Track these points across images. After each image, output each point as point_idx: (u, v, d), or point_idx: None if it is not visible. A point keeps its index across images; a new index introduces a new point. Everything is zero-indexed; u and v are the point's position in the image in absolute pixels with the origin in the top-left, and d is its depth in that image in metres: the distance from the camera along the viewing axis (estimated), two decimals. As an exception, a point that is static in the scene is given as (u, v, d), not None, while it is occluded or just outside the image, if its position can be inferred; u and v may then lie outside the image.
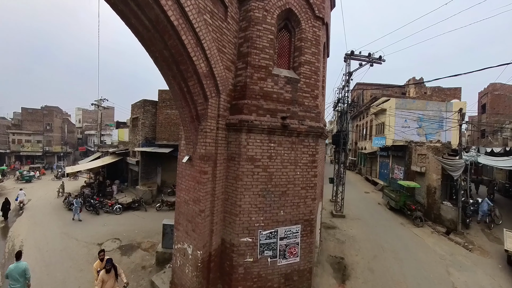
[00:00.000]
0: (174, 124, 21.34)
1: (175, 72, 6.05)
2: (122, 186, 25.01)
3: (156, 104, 22.37)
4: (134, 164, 23.14)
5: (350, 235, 13.61)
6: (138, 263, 10.71)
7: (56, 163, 50.24)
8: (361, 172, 35.25)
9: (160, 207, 18.10)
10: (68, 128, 59.13)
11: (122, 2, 4.87)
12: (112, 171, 27.01)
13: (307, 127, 7.76)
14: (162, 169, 23.01)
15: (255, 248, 7.09)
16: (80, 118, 69.32)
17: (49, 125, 52.80)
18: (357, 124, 39.12)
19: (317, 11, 8.11)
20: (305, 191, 7.86)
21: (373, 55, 17.11)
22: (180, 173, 7.81)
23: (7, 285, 7.85)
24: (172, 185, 21.32)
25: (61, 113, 59.82)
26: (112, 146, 32.77)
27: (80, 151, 59.16)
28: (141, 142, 22.17)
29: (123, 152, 25.44)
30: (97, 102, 32.16)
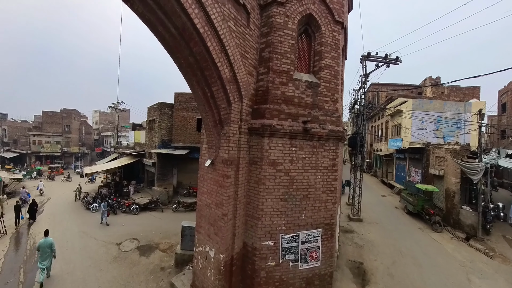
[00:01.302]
0: (190, 126, 21.66)
1: (199, 77, 6.17)
2: (139, 186, 25.49)
3: (172, 106, 22.75)
4: (150, 165, 23.54)
5: (368, 240, 13.44)
6: (157, 264, 10.82)
7: (74, 163, 52.18)
8: (377, 175, 34.66)
9: (176, 208, 18.32)
10: (85, 130, 61.19)
11: (150, 11, 5.02)
12: (129, 172, 27.60)
13: (328, 131, 7.77)
14: (178, 171, 23.30)
15: (277, 252, 7.11)
16: (97, 120, 71.57)
17: (68, 127, 54.91)
18: (372, 125, 38.50)
19: (336, 16, 8.14)
20: (325, 195, 7.86)
21: (389, 56, 16.90)
22: (201, 177, 7.93)
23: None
24: (188, 187, 21.68)
25: (79, 116, 62.04)
26: (129, 147, 33.47)
27: (96, 152, 60.69)
28: (158, 144, 22.56)
29: (139, 154, 25.96)
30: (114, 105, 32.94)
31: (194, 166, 22.21)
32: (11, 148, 51.04)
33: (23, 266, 10.97)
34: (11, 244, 13.36)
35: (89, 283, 9.60)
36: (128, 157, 26.54)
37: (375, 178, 34.21)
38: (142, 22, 5.39)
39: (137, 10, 5.09)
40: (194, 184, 21.68)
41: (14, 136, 53.22)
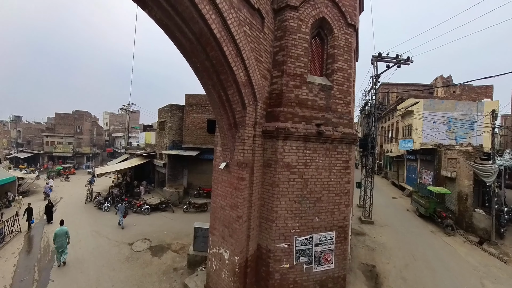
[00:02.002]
0: (200, 128, 21.92)
1: (215, 81, 6.26)
2: (149, 187, 25.82)
3: (183, 108, 23.05)
4: (161, 166, 23.83)
5: (380, 242, 13.35)
6: (169, 265, 10.95)
7: (85, 164, 53.20)
8: (387, 176, 34.26)
9: (187, 208, 18.50)
10: (96, 131, 62.37)
11: (168, 17, 5.13)
12: (139, 172, 28.02)
13: (341, 133, 7.78)
14: (188, 171, 23.53)
15: (291, 254, 7.14)
16: (108, 121, 72.95)
17: (79, 128, 56.52)
18: (382, 126, 38.03)
19: (349, 19, 8.15)
20: (339, 197, 7.86)
21: (401, 56, 16.76)
22: (215, 179, 8.02)
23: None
24: (198, 187, 21.89)
25: (90, 117, 63.57)
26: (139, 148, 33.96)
27: (107, 152, 61.93)
28: (168, 145, 22.85)
29: (150, 155, 26.31)
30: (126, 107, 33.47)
31: (204, 167, 22.66)
32: (25, 149, 53.26)
33: (37, 264, 11.26)
34: (26, 242, 13.69)
35: (103, 283, 9.76)
36: (139, 158, 26.93)
37: (385, 179, 33.88)
38: (160, 27, 5.49)
39: (155, 16, 5.20)
40: (205, 185, 21.91)
41: (28, 137, 55.67)
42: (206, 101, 21.82)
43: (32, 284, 9.77)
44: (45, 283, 9.81)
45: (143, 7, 5.05)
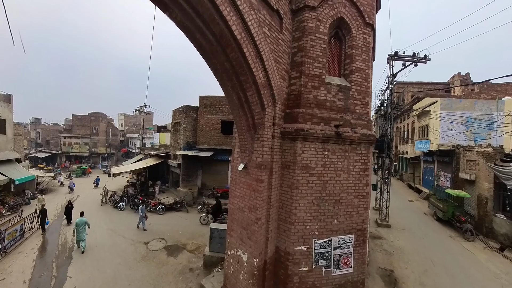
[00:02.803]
0: (214, 128, 22.09)
1: (235, 82, 6.25)
2: (163, 187, 26.18)
3: (197, 109, 23.27)
4: (175, 166, 24.10)
5: (397, 247, 13.07)
6: (185, 265, 11.01)
7: (101, 163, 55.32)
8: (403, 178, 33.55)
9: (201, 209, 18.55)
10: (111, 132, 64.06)
11: (188, 19, 5.15)
12: (154, 172, 28.43)
13: (360, 135, 7.65)
14: (202, 172, 23.69)
15: (310, 257, 7.05)
16: (122, 122, 75.01)
17: (95, 129, 58.54)
18: (397, 126, 37.22)
19: (367, 18, 8.01)
20: (357, 200, 7.73)
21: (417, 54, 16.38)
22: (233, 180, 8.01)
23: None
24: (212, 188, 22.00)
25: (106, 118, 65.45)
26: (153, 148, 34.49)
27: (122, 153, 63.49)
28: (183, 146, 23.09)
29: (164, 155, 26.64)
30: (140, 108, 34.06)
31: (218, 168, 22.81)
32: (44, 149, 55.95)
33: (55, 261, 11.56)
34: (44, 239, 14.08)
35: (119, 281, 9.89)
36: (153, 158, 27.33)
37: (401, 181, 33.20)
38: (180, 29, 5.52)
39: (175, 19, 5.23)
40: (218, 185, 22.03)
41: (46, 138, 58.30)
42: (220, 102, 22.03)
43: (51, 280, 10.02)
44: (63, 279, 10.04)
45: (163, 9, 5.08)
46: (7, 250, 12.22)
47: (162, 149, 30.63)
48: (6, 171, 20.79)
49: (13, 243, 12.86)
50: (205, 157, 21.36)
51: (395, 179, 34.94)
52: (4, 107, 23.17)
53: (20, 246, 13.01)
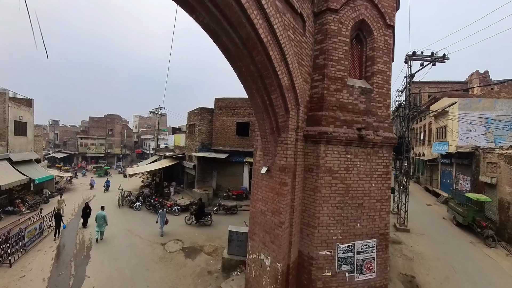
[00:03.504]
0: (229, 130, 22.26)
1: (259, 85, 6.25)
2: (178, 188, 26.42)
3: (212, 111, 23.48)
4: (190, 167, 24.31)
5: (417, 252, 12.77)
6: (203, 267, 10.99)
7: (116, 164, 56.78)
8: (419, 181, 32.70)
9: (217, 210, 18.60)
10: (126, 133, 65.62)
11: (215, 22, 5.16)
12: (168, 173, 28.70)
13: (382, 138, 7.58)
14: (217, 173, 23.81)
15: (333, 262, 6.96)
16: (137, 124, 76.93)
17: (111, 130, 60.02)
18: (413, 127, 36.33)
19: (388, 20, 7.95)
20: (380, 203, 7.63)
21: (436, 54, 15.99)
22: (255, 183, 7.99)
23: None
24: (228, 190, 22.12)
25: (121, 120, 66.99)
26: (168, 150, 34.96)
27: (136, 153, 64.99)
28: (198, 147, 23.31)
29: (179, 156, 26.91)
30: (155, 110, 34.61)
31: (233, 170, 22.96)
32: (61, 150, 58.12)
33: (73, 260, 11.76)
34: (62, 238, 14.38)
35: (137, 282, 9.93)
36: (168, 159, 27.68)
37: (417, 184, 32.36)
38: (206, 32, 5.55)
39: (202, 22, 5.26)
40: (233, 187, 22.14)
41: (64, 139, 60.45)
42: (235, 104, 22.20)
43: (69, 279, 10.18)
44: (82, 278, 10.19)
45: (190, 13, 5.12)
46: (27, 247, 12.55)
47: (177, 150, 31.00)
48: (26, 170, 21.55)
49: (33, 241, 13.20)
50: (220, 158, 21.48)
51: (411, 182, 34.09)
52: (25, 111, 24.19)
53: (39, 244, 13.34)
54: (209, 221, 16.31)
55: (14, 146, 22.21)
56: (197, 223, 16.22)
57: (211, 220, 16.39)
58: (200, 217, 16.21)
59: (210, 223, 16.33)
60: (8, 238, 11.47)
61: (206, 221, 16.15)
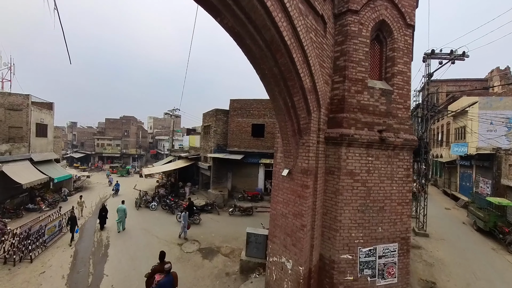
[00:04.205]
0: (245, 131, 22.39)
1: (282, 88, 6.26)
2: (193, 188, 26.63)
3: (227, 112, 23.67)
4: (206, 168, 24.50)
5: (437, 258, 12.44)
6: (221, 269, 10.99)
7: (131, 164, 57.91)
8: (437, 184, 31.81)
9: (232, 211, 18.66)
10: (141, 134, 67.11)
11: (240, 25, 5.21)
12: (183, 174, 29.04)
13: (403, 140, 7.46)
14: (232, 174, 23.92)
15: (355, 266, 6.88)
16: (151, 125, 78.81)
17: (127, 131, 61.46)
18: (430, 128, 35.26)
19: (408, 19, 7.83)
20: (401, 207, 7.50)
21: (455, 52, 15.52)
22: (276, 186, 7.98)
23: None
24: (243, 191, 22.18)
25: (136, 121, 68.55)
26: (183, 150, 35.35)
27: (151, 154, 66.42)
28: (213, 148, 23.50)
29: (194, 157, 27.18)
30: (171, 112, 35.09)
31: (248, 171, 23.02)
32: (79, 150, 60.37)
33: (92, 257, 11.98)
34: (81, 236, 14.70)
35: None
36: (183, 160, 27.97)
37: (435, 187, 31.52)
38: (229, 35, 5.61)
39: (226, 25, 5.31)
40: (248, 188, 22.21)
41: (81, 140, 62.81)
42: (250, 105, 22.31)
43: (88, 277, 10.38)
44: (100, 276, 10.36)
45: (215, 16, 5.18)
46: (47, 244, 12.96)
47: (192, 151, 31.32)
48: (46, 170, 22.54)
49: (52, 238, 13.61)
50: (235, 159, 21.59)
51: (429, 184, 33.23)
52: (46, 114, 25.44)
53: (59, 241, 13.69)
54: (198, 220, 16.96)
55: (35, 147, 23.23)
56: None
57: (199, 219, 17.08)
58: (190, 216, 16.41)
59: (199, 222, 16.94)
60: (29, 235, 11.92)
61: (195, 220, 16.75)
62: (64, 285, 9.78)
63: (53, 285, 9.75)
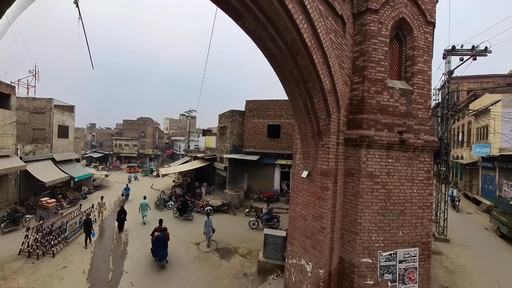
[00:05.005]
0: (260, 132, 22.42)
1: (302, 89, 6.25)
2: (209, 188, 26.87)
3: (243, 113, 23.80)
4: (221, 169, 24.64)
5: (459, 264, 12.00)
6: (238, 269, 10.97)
7: (148, 164, 59.85)
8: (458, 187, 30.49)
9: (249, 212, 18.61)
10: (158, 135, 68.88)
11: (261, 27, 5.23)
12: (199, 174, 29.44)
13: (423, 141, 7.27)
14: (248, 175, 23.93)
15: (375, 271, 6.76)
16: (167, 126, 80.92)
17: (143, 132, 63.22)
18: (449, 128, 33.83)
19: (428, 16, 7.64)
20: (421, 210, 7.31)
21: (477, 47, 14.89)
22: (295, 187, 7.96)
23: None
24: (259, 192, 22.19)
25: (153, 122, 70.75)
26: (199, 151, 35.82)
27: (167, 154, 68.12)
28: (229, 149, 23.65)
29: (210, 158, 27.47)
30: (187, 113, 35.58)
31: (264, 172, 23.01)
32: (98, 150, 62.57)
33: (111, 254, 12.26)
34: (100, 232, 15.14)
35: (174, 280, 10.08)
36: (199, 161, 28.31)
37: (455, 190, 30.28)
38: (250, 38, 5.65)
39: (248, 28, 5.35)
40: (264, 189, 22.19)
41: (100, 140, 65.04)
42: (266, 106, 22.35)
43: (108, 273, 10.61)
44: (120, 273, 10.56)
45: (236, 19, 5.24)
46: (68, 240, 13.41)
47: (208, 152, 31.65)
48: (67, 169, 23.65)
49: (73, 234, 14.05)
50: (251, 160, 21.62)
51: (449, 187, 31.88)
52: (68, 116, 26.67)
53: (79, 237, 14.02)
54: (191, 216, 18.00)
55: (57, 147, 24.35)
56: (180, 216, 18.04)
57: (192, 215, 18.10)
58: (184, 212, 18.03)
59: (191, 218, 17.91)
60: (52, 231, 12.45)
61: (188, 216, 17.90)
62: (85, 280, 10.05)
63: (75, 280, 10.02)
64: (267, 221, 15.81)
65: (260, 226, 15.92)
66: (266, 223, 15.69)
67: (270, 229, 11.57)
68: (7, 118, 17.89)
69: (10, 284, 9.50)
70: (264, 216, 16.01)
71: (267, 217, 15.90)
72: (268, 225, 15.50)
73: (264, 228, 13.81)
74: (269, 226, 15.31)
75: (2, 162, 17.05)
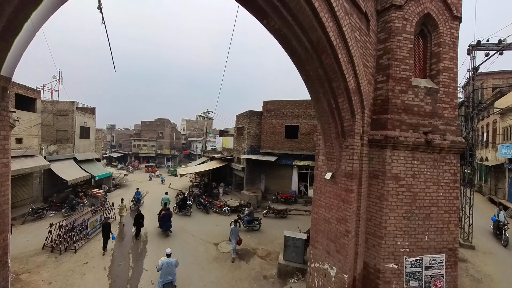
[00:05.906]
0: (278, 133, 22.32)
1: (326, 89, 6.14)
2: (227, 189, 26.95)
3: (260, 114, 23.76)
4: (239, 169, 24.69)
5: (485, 273, 11.40)
6: (258, 271, 10.85)
7: (166, 164, 61.44)
8: (482, 191, 28.92)
9: (266, 213, 18.49)
10: (175, 135, 70.29)
11: (287, 27, 5.17)
12: (216, 174, 29.64)
13: (449, 142, 6.96)
14: (265, 176, 23.83)
15: (401, 277, 6.54)
16: (184, 127, 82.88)
17: (161, 133, 65.18)
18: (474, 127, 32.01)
19: (455, 11, 7.30)
20: (448, 215, 7.00)
21: (504, 41, 14.03)
22: (317, 189, 7.83)
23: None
24: (276, 193, 22.00)
25: (170, 124, 72.29)
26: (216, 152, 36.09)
27: (184, 154, 69.40)
28: (247, 150, 23.65)
29: (227, 158, 27.62)
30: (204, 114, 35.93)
31: (282, 173, 22.89)
32: (117, 150, 64.73)
33: (131, 251, 12.43)
34: (121, 231, 15.39)
35: (194, 281, 10.09)
36: (217, 161, 28.47)
37: (479, 194, 28.48)
38: (274, 37, 5.60)
39: (273, 27, 5.29)
40: (282, 190, 22.07)
41: (119, 141, 67.34)
42: (284, 106, 22.23)
43: (128, 270, 10.76)
44: (140, 271, 10.70)
45: (261, 19, 5.19)
46: (89, 236, 13.82)
47: (225, 152, 31.82)
48: (89, 168, 24.53)
49: (94, 231, 14.40)
50: (268, 161, 21.54)
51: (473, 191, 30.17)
52: (89, 118, 27.81)
53: (100, 234, 14.07)
54: (189, 212, 18.90)
55: (79, 147, 25.39)
56: (179, 212, 18.90)
57: (190, 211, 18.98)
58: (183, 208, 18.97)
59: (190, 214, 18.83)
60: (74, 227, 12.89)
61: (187, 212, 18.84)
62: (106, 276, 10.24)
63: (96, 276, 10.23)
64: (248, 222, 15.77)
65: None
66: (247, 225, 15.74)
67: (290, 232, 11.27)
68: (33, 120, 18.76)
69: (34, 277, 9.83)
70: (245, 218, 15.88)
71: (248, 219, 15.82)
72: (249, 227, 15.70)
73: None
74: (250, 228, 15.66)
75: (27, 161, 17.78)
